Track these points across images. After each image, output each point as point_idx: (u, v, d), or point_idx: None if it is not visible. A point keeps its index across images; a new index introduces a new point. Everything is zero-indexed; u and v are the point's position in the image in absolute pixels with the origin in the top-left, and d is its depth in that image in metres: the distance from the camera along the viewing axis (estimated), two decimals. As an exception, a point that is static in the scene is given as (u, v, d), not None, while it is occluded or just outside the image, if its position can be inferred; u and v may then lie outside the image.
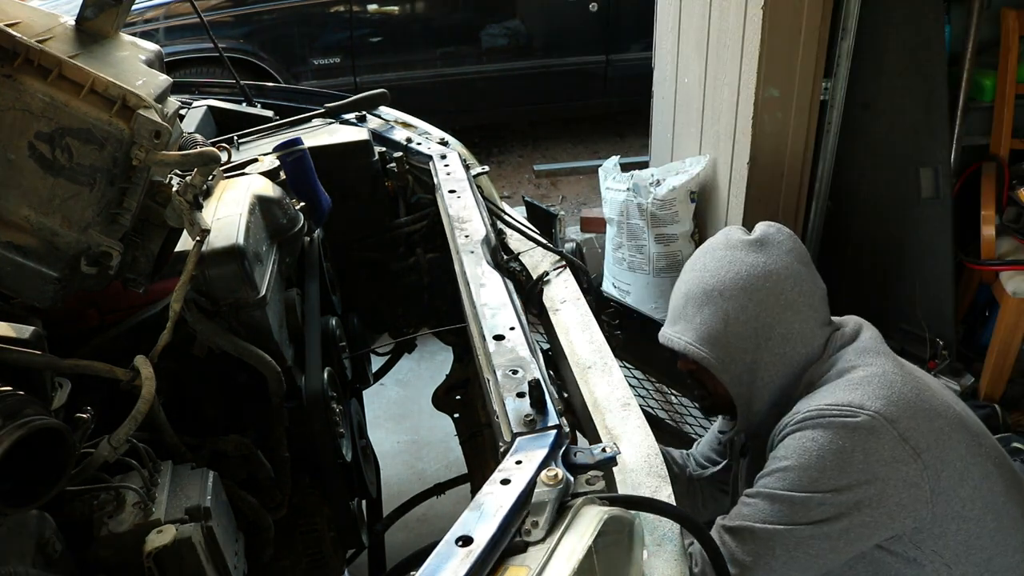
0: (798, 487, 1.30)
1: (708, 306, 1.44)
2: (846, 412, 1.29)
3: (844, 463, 1.28)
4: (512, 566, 0.81)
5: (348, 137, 2.05)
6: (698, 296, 1.46)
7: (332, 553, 1.60)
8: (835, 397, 1.33)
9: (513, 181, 5.18)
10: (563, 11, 4.91)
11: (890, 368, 1.37)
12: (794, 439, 1.33)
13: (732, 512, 1.39)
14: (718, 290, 1.44)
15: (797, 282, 1.44)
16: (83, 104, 1.07)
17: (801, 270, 1.45)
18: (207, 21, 2.42)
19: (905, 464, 1.28)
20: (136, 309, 1.53)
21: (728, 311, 1.42)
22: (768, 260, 1.44)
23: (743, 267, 1.44)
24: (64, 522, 1.15)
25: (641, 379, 2.74)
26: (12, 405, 1.02)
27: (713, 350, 1.44)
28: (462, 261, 1.46)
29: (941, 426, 1.33)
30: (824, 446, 1.29)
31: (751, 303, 1.42)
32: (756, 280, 1.42)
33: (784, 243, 1.47)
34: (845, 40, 2.45)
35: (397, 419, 3.06)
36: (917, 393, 1.34)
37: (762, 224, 1.51)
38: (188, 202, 1.22)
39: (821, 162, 2.64)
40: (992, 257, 2.64)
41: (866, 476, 1.27)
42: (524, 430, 1.01)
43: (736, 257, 1.45)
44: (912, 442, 1.28)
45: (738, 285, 1.43)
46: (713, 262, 1.47)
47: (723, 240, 1.51)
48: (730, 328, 1.42)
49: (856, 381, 1.34)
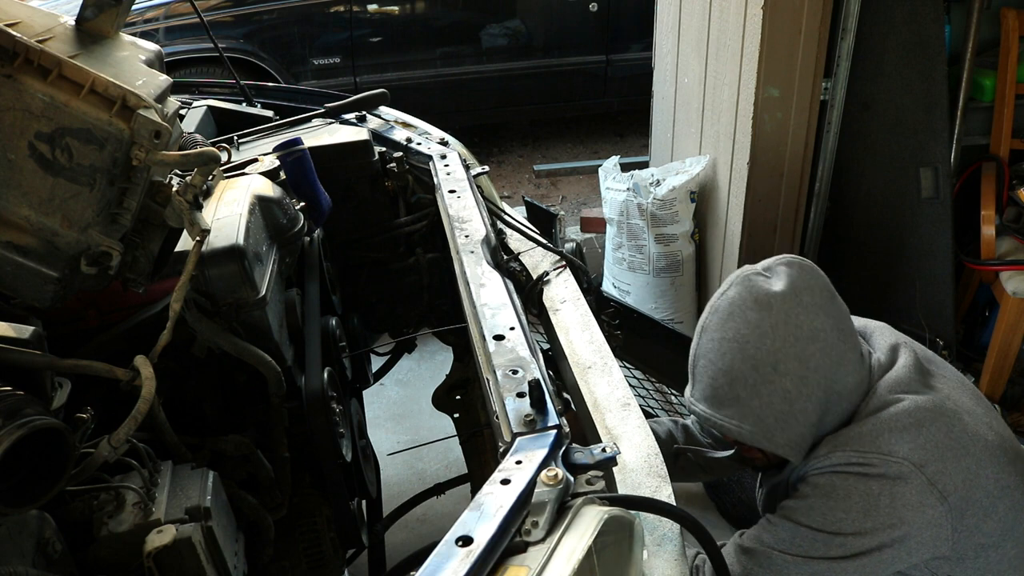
0: (822, 525, 1.30)
1: (764, 386, 1.30)
2: (874, 459, 1.27)
3: (870, 507, 1.27)
4: (512, 566, 0.81)
5: (348, 137, 2.05)
6: (747, 375, 1.30)
7: (332, 553, 1.60)
8: (865, 442, 1.29)
9: (513, 181, 5.18)
10: (563, 11, 4.91)
11: (922, 403, 1.32)
12: (824, 478, 1.31)
13: (751, 533, 1.39)
14: (770, 364, 1.29)
15: (840, 329, 1.32)
16: (83, 104, 1.07)
17: (835, 311, 1.33)
18: (207, 21, 2.42)
19: (931, 508, 1.27)
20: (136, 309, 1.53)
21: (788, 388, 1.29)
22: (810, 315, 1.30)
23: (789, 330, 1.29)
24: (64, 522, 1.15)
25: (641, 379, 2.74)
26: (12, 405, 1.02)
27: (783, 435, 1.31)
28: (462, 261, 1.46)
29: (969, 465, 1.30)
30: (851, 489, 1.28)
31: (808, 371, 1.29)
32: (805, 342, 1.29)
33: (815, 285, 1.33)
34: (845, 40, 2.45)
35: (397, 419, 3.06)
36: (948, 431, 1.30)
37: (781, 266, 1.35)
38: (188, 202, 1.22)
39: (821, 162, 2.64)
40: (992, 257, 2.64)
41: (891, 520, 1.27)
42: (524, 430, 1.01)
43: (777, 320, 1.29)
44: (940, 485, 1.27)
45: (791, 354, 1.28)
46: (751, 330, 1.30)
47: (750, 297, 1.32)
48: (794, 406, 1.30)
49: (887, 420, 1.30)
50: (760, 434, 1.32)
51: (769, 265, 1.37)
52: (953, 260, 2.63)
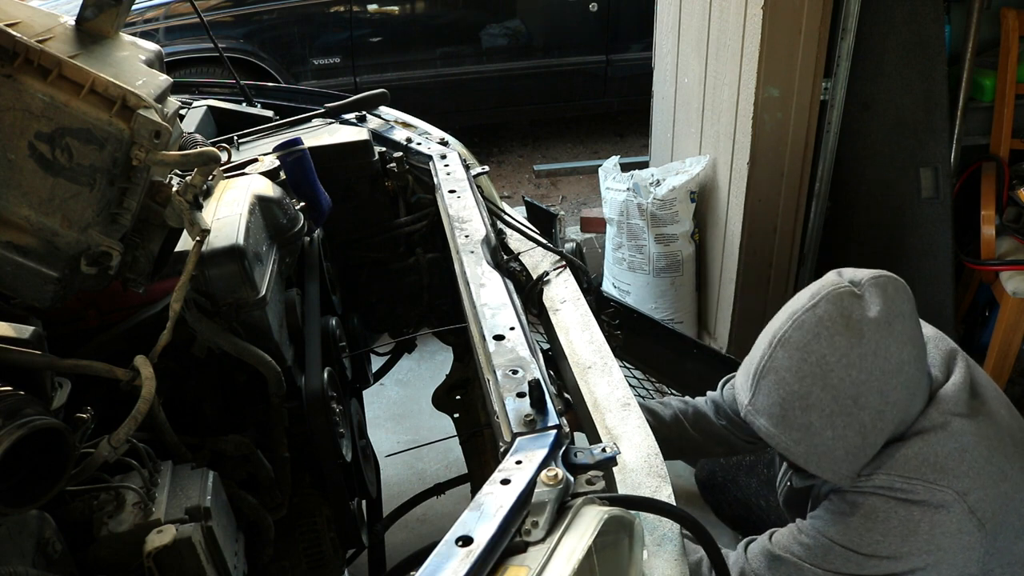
0: (858, 546, 1.29)
1: (840, 418, 1.25)
2: (918, 487, 1.26)
3: (909, 533, 1.26)
4: (512, 566, 0.81)
5: (348, 137, 2.05)
6: (826, 405, 1.25)
7: (332, 553, 1.60)
8: (909, 468, 1.27)
9: (513, 181, 5.18)
10: (563, 11, 4.91)
11: (968, 428, 1.30)
12: (865, 499, 1.31)
13: (781, 540, 1.39)
14: (851, 397, 1.23)
15: (918, 356, 1.28)
16: (83, 104, 1.07)
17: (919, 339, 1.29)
18: (207, 21, 2.42)
19: (969, 535, 1.26)
20: (136, 309, 1.53)
21: (865, 423, 1.24)
22: (901, 348, 1.24)
23: (876, 364, 1.23)
24: (64, 522, 1.15)
25: (641, 379, 2.74)
26: (12, 405, 1.02)
27: (847, 467, 1.29)
28: (462, 261, 1.46)
29: (1007, 490, 1.29)
30: (892, 513, 1.27)
31: (887, 405, 1.25)
32: (891, 378, 1.24)
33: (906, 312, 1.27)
34: (845, 40, 2.45)
35: (397, 419, 3.06)
36: (988, 455, 1.29)
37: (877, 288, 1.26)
38: (188, 202, 1.22)
39: (821, 162, 2.64)
40: (992, 257, 2.64)
41: (928, 547, 1.26)
42: (524, 430, 1.01)
43: (867, 351, 1.23)
44: (979, 513, 1.26)
45: (874, 388, 1.23)
46: (837, 357, 1.23)
47: (840, 319, 1.24)
48: (868, 440, 1.26)
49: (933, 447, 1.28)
50: (826, 464, 1.29)
51: (861, 282, 1.28)
52: (953, 260, 2.63)
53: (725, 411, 1.75)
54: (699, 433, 1.76)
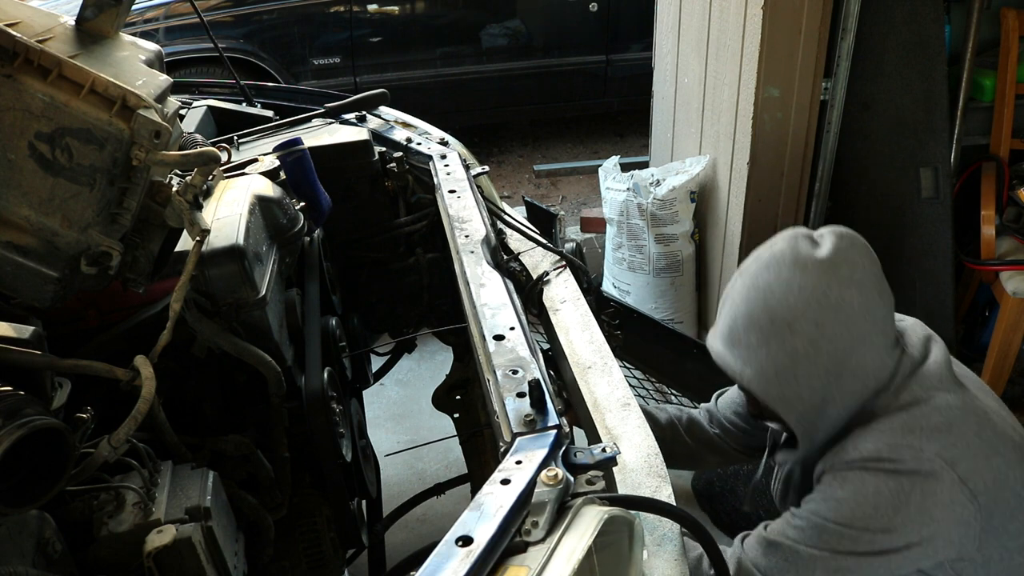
0: (850, 521, 1.29)
1: (775, 339, 1.32)
2: (905, 455, 1.27)
3: (900, 504, 1.26)
4: (512, 566, 0.81)
5: (348, 137, 2.05)
6: (763, 325, 1.33)
7: (332, 553, 1.60)
8: (896, 437, 1.29)
9: (513, 181, 5.18)
10: (563, 11, 4.91)
11: (953, 402, 1.31)
12: (852, 475, 1.31)
13: (776, 526, 1.39)
14: (786, 321, 1.31)
15: (870, 310, 1.32)
16: (83, 104, 1.07)
17: (874, 295, 1.34)
18: (207, 21, 2.42)
19: (961, 506, 1.26)
20: (136, 309, 1.53)
21: (797, 347, 1.30)
22: (842, 288, 1.30)
23: (814, 295, 1.30)
24: (64, 522, 1.15)
25: (641, 379, 2.74)
26: (12, 405, 1.02)
27: (779, 389, 1.34)
28: (462, 261, 1.46)
29: (999, 464, 1.29)
30: (882, 484, 1.27)
31: (823, 339, 1.30)
32: (829, 312, 1.30)
33: (859, 263, 1.34)
34: (845, 40, 2.45)
35: (397, 419, 3.06)
36: (978, 431, 1.30)
37: (833, 236, 1.36)
38: (188, 202, 1.22)
39: (821, 162, 2.64)
40: (992, 257, 2.64)
41: (921, 518, 1.26)
42: (524, 430, 1.01)
43: (807, 283, 1.31)
44: (971, 484, 1.26)
45: (809, 318, 1.30)
46: (780, 285, 1.33)
47: (791, 256, 1.34)
48: (799, 367, 1.32)
49: (919, 417, 1.29)
50: (757, 382, 1.36)
51: (823, 232, 1.38)
52: (953, 260, 2.63)
53: (718, 419, 1.80)
54: (693, 440, 1.80)
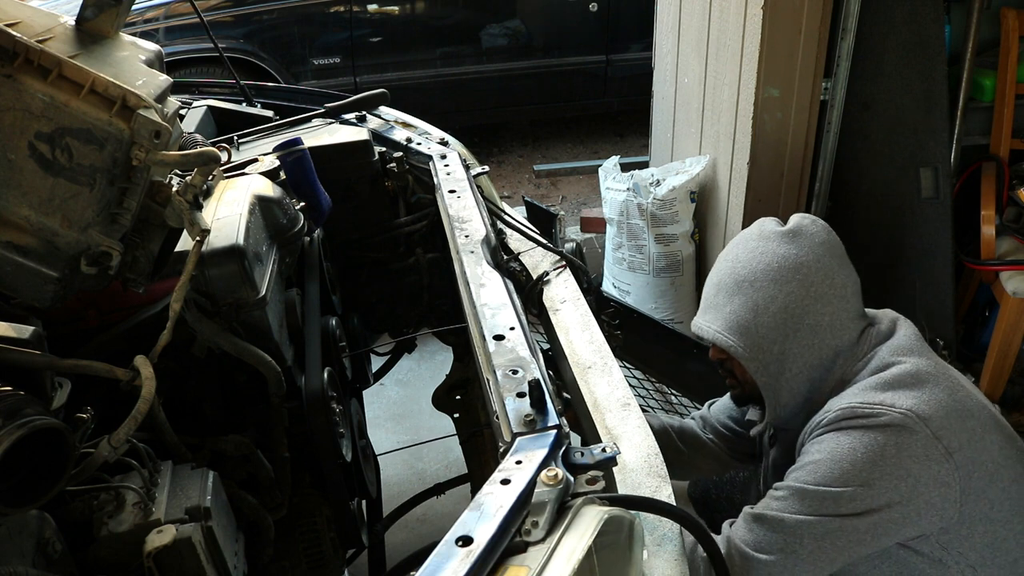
0: (829, 481, 1.31)
1: (738, 296, 1.47)
2: (878, 410, 1.30)
3: (876, 457, 1.29)
4: (512, 566, 0.81)
5: (348, 137, 2.05)
6: (729, 286, 1.49)
7: (332, 553, 1.60)
8: (868, 395, 1.34)
9: (513, 181, 5.18)
10: (563, 11, 4.91)
11: (924, 366, 1.37)
12: (827, 436, 1.34)
13: (761, 503, 1.40)
14: (748, 280, 1.47)
15: (828, 274, 1.45)
16: (83, 104, 1.07)
17: (832, 263, 1.47)
18: (207, 21, 2.42)
19: (937, 463, 1.28)
20: (136, 309, 1.53)
21: (757, 301, 1.45)
22: (799, 252, 1.46)
23: (774, 258, 1.46)
24: (64, 522, 1.15)
25: (641, 379, 2.74)
26: (12, 405, 1.02)
27: (741, 339, 1.46)
28: (462, 261, 1.46)
29: (974, 427, 1.33)
30: (856, 441, 1.30)
31: (780, 294, 1.44)
32: (786, 271, 1.45)
33: (817, 235, 1.49)
34: (845, 40, 2.45)
35: (397, 419, 3.06)
36: (951, 393, 1.34)
37: (797, 216, 1.53)
38: (188, 202, 1.22)
39: (821, 162, 2.64)
40: (992, 257, 2.64)
41: (898, 472, 1.28)
42: (524, 430, 1.01)
43: (768, 248, 1.48)
44: (944, 441, 1.29)
45: (768, 276, 1.45)
46: (745, 253, 1.50)
47: (756, 231, 1.53)
48: (759, 318, 1.45)
49: (889, 379, 1.35)
50: (724, 338, 1.48)
51: (791, 217, 1.54)
52: (953, 260, 2.63)
53: (712, 425, 1.84)
54: (687, 446, 1.84)
